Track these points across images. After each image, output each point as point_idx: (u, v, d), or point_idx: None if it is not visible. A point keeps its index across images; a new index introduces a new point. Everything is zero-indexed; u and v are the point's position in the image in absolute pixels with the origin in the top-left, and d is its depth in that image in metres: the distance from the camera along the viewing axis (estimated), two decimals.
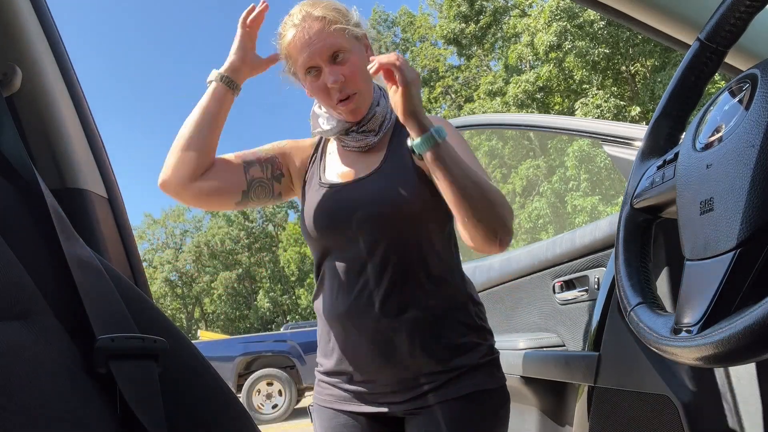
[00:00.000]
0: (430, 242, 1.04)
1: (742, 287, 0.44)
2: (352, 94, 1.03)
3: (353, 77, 1.02)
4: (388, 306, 1.00)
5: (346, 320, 1.03)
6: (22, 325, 0.39)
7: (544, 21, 16.04)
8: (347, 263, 1.04)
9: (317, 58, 1.01)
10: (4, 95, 0.59)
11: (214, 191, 1.08)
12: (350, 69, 1.02)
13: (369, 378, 1.05)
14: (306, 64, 1.02)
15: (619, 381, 1.05)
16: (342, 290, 1.04)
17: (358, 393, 1.06)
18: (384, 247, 1.01)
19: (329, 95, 1.03)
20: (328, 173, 1.12)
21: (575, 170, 13.97)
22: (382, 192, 1.02)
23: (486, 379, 1.03)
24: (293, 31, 1.02)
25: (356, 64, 1.03)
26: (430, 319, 1.02)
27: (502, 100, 17.61)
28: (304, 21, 1.01)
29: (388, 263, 1.01)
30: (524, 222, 14.68)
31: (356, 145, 1.09)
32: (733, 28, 0.58)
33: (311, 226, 1.06)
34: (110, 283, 0.50)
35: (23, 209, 0.49)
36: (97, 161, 0.74)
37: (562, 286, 1.38)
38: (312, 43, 1.00)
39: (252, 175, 1.12)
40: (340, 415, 1.08)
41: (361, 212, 1.01)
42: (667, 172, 0.60)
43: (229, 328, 31.71)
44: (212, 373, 0.53)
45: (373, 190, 1.03)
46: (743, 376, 0.89)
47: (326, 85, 1.02)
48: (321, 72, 1.02)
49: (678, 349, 0.47)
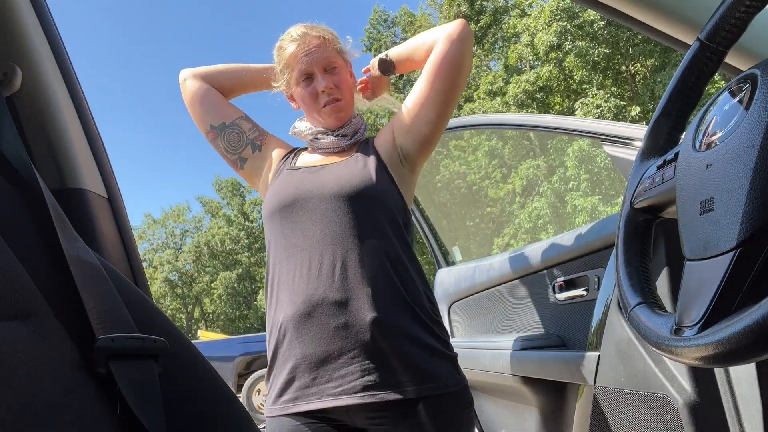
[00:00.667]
0: (392, 225, 1.08)
1: (742, 287, 0.44)
2: (337, 100, 1.16)
3: (341, 86, 1.17)
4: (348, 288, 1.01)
5: (305, 310, 1.01)
6: (22, 325, 0.39)
7: (544, 21, 16.04)
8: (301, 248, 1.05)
9: (314, 66, 1.15)
10: (4, 95, 0.59)
11: (206, 102, 1.24)
12: (339, 79, 1.17)
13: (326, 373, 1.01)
14: (304, 71, 1.15)
15: (619, 381, 1.05)
16: (302, 275, 1.03)
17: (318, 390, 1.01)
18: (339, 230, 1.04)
19: (317, 100, 1.16)
20: (296, 163, 1.20)
21: (575, 170, 13.97)
22: (350, 172, 1.10)
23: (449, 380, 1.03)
24: (294, 44, 1.15)
25: (344, 78, 1.19)
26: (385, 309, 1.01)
27: (502, 100, 17.61)
28: (305, 37, 1.16)
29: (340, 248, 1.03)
30: (524, 222, 14.68)
31: (329, 146, 1.20)
32: (733, 28, 0.58)
33: (272, 204, 1.11)
34: (110, 283, 0.50)
35: (23, 209, 0.49)
36: (97, 161, 0.74)
37: (562, 286, 1.38)
38: (311, 53, 1.15)
39: (239, 123, 1.24)
40: (297, 419, 1.03)
41: (329, 186, 1.08)
42: (667, 172, 0.60)
43: (229, 328, 31.70)
44: (212, 373, 0.53)
45: (342, 170, 1.12)
46: (743, 376, 0.89)
47: (317, 90, 1.15)
48: (314, 79, 1.16)
49: (678, 349, 0.47)
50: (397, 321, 1.01)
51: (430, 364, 1.01)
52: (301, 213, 1.07)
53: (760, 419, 0.85)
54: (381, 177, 1.10)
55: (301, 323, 1.02)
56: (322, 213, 1.06)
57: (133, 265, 0.72)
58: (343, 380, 0.99)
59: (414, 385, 0.99)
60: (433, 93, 1.10)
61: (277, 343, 1.06)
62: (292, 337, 1.03)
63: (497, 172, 16.92)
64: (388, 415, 0.99)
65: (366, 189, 1.07)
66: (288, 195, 1.09)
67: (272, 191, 1.13)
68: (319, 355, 1.00)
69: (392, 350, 0.99)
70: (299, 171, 1.15)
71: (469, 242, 16.52)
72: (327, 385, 1.00)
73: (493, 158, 17.03)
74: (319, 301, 1.01)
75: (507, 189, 16.44)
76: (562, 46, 15.89)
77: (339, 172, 1.10)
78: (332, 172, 1.11)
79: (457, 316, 1.90)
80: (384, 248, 1.04)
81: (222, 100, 1.25)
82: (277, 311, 1.07)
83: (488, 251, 15.96)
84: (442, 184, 17.28)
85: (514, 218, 15.93)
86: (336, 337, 0.99)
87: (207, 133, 1.24)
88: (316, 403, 1.00)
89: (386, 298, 1.01)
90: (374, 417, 1.00)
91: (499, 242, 15.75)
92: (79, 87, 0.74)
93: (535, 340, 1.41)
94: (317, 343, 1.00)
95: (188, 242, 34.59)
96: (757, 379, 0.86)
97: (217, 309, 32.19)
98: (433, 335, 1.05)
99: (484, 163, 17.26)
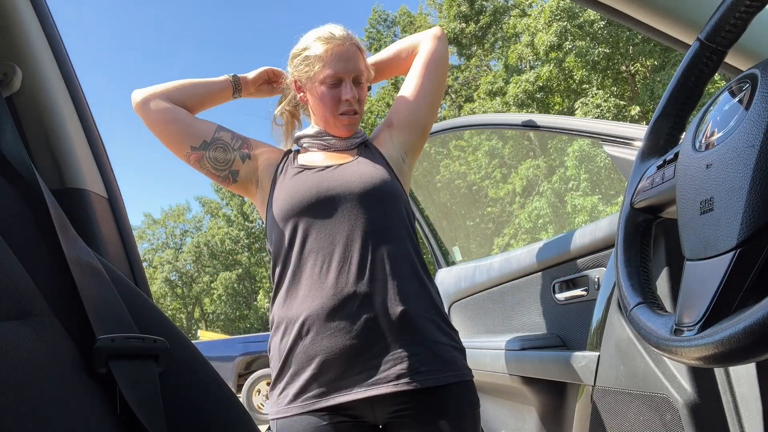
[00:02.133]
0: (406, 222, 1.14)
1: (742, 287, 0.44)
2: (355, 113, 1.18)
3: (361, 101, 1.19)
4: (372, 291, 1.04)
5: (334, 304, 1.03)
6: (22, 325, 0.39)
7: (544, 21, 16.04)
8: (326, 244, 1.07)
9: (346, 73, 1.15)
10: (4, 95, 0.59)
11: (179, 121, 1.16)
12: (362, 94, 1.19)
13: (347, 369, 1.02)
14: (337, 73, 1.14)
15: (619, 381, 1.05)
16: (329, 270, 1.05)
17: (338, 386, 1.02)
18: (365, 226, 1.07)
19: (336, 106, 1.16)
20: (302, 163, 1.19)
21: (575, 170, 13.97)
22: (369, 171, 1.13)
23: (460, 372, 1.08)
24: (332, 43, 1.14)
25: (365, 94, 1.21)
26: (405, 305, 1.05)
27: (502, 100, 17.60)
28: (346, 40, 1.15)
29: (368, 243, 1.06)
30: (524, 222, 14.68)
31: (335, 144, 1.21)
32: (733, 28, 0.58)
33: (293, 202, 1.10)
34: (110, 283, 0.50)
35: (23, 209, 0.49)
36: (97, 161, 0.74)
37: (562, 286, 1.38)
38: (350, 59, 1.15)
39: (219, 136, 1.19)
40: (321, 416, 1.02)
41: (355, 184, 1.10)
42: (667, 172, 0.60)
43: (229, 328, 31.68)
44: (212, 373, 0.53)
45: (362, 169, 1.13)
46: (743, 376, 0.89)
47: (340, 97, 1.15)
48: (341, 85, 1.15)
49: (678, 349, 0.47)
50: (423, 313, 1.06)
51: (451, 353, 1.07)
52: (326, 211, 1.08)
53: (760, 419, 0.85)
54: (392, 176, 1.16)
55: (330, 317, 1.02)
56: (348, 210, 1.08)
57: (133, 265, 0.72)
58: (377, 371, 1.01)
59: (440, 373, 1.03)
60: (427, 85, 1.22)
61: (296, 338, 1.05)
62: (318, 331, 1.03)
63: (497, 172, 16.92)
64: (414, 405, 1.02)
65: (387, 187, 1.12)
66: (310, 194, 1.09)
67: (287, 192, 1.12)
68: (350, 347, 1.01)
69: (420, 341, 1.04)
70: (313, 171, 1.14)
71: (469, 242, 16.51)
72: (359, 376, 1.01)
73: (493, 158, 17.03)
74: (350, 294, 1.03)
75: (507, 189, 16.44)
76: (562, 46, 15.88)
77: (360, 171, 1.13)
78: (353, 171, 1.13)
79: (457, 316, 1.90)
80: (405, 244, 1.10)
81: (192, 117, 1.19)
82: (295, 307, 1.06)
83: (488, 251, 15.96)
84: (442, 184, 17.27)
85: (514, 218, 15.93)
86: (366, 329, 1.02)
87: (188, 155, 1.17)
88: (346, 396, 1.01)
89: (411, 292, 1.07)
90: (400, 408, 1.03)
91: (499, 242, 15.75)
92: (79, 87, 0.74)
93: (535, 340, 1.41)
94: (348, 336, 1.02)
95: (188, 242, 34.58)
96: (757, 379, 0.86)
97: (217, 309, 32.17)
98: (450, 327, 1.12)
99: (484, 163, 17.26)
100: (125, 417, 0.43)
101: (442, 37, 1.26)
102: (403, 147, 1.22)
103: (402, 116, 1.23)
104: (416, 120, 1.22)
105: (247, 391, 7.16)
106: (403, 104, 1.23)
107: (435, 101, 1.24)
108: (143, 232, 34.77)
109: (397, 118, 1.24)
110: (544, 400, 1.42)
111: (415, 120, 1.22)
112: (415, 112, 1.22)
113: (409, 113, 1.22)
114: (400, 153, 1.22)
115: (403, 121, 1.23)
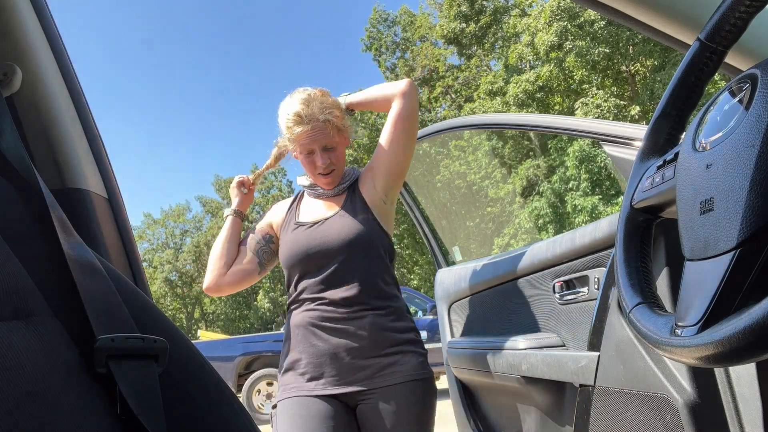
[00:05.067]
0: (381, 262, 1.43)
1: (742, 287, 0.44)
2: (331, 171, 1.45)
3: (336, 161, 1.45)
4: (353, 309, 1.37)
5: (320, 322, 1.38)
6: (22, 325, 0.39)
7: (545, 21, 16.04)
8: (321, 281, 1.39)
9: (315, 146, 1.41)
10: (4, 95, 0.59)
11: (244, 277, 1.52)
12: (335, 156, 1.45)
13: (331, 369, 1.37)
14: (306, 150, 1.42)
15: (619, 381, 1.05)
16: (316, 301, 1.39)
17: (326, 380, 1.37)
18: (348, 267, 1.38)
19: (314, 170, 1.45)
20: (300, 217, 1.51)
21: (575, 170, 13.98)
22: (348, 225, 1.41)
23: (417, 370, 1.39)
24: (301, 128, 1.39)
25: (340, 152, 1.47)
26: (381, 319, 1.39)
27: (502, 100, 17.61)
28: (311, 120, 1.38)
29: (353, 278, 1.38)
30: (524, 222, 14.70)
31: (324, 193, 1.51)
32: (733, 28, 0.58)
33: (290, 256, 1.43)
34: (110, 283, 0.50)
35: (23, 209, 0.49)
36: (97, 161, 0.74)
37: (562, 286, 1.38)
38: (315, 137, 1.40)
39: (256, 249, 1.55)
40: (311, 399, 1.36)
41: (334, 242, 1.40)
42: (667, 172, 0.60)
43: (229, 328, 31.69)
44: (212, 373, 0.53)
45: (337, 226, 1.42)
46: (743, 376, 0.89)
47: (315, 164, 1.43)
48: (315, 154, 1.42)
49: (678, 349, 0.47)
50: (388, 325, 1.39)
51: (410, 357, 1.40)
52: (314, 261, 1.41)
53: (760, 419, 0.85)
54: (371, 222, 1.43)
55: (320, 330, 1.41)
56: (331, 259, 1.39)
57: (133, 265, 0.72)
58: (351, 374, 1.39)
59: (401, 374, 1.36)
60: (400, 138, 1.45)
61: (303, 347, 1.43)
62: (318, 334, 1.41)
63: (497, 172, 16.93)
64: (377, 396, 1.36)
65: (364, 237, 1.40)
66: (300, 251, 1.41)
67: (286, 246, 1.45)
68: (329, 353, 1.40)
69: (388, 349, 1.38)
70: (305, 227, 1.45)
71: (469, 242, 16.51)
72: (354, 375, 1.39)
73: (493, 158, 17.04)
74: (332, 319, 1.38)
75: (507, 189, 16.45)
76: (563, 45, 15.89)
77: (340, 226, 1.41)
78: (333, 227, 1.42)
79: (457, 316, 1.90)
80: (374, 278, 1.41)
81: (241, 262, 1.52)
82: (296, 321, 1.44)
83: (488, 251, 15.95)
84: (442, 184, 17.28)
85: (514, 218, 15.94)
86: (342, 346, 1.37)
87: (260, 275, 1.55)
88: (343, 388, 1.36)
89: (381, 312, 1.39)
90: (367, 397, 1.36)
91: (499, 242, 15.75)
92: (79, 87, 0.74)
93: (535, 340, 1.41)
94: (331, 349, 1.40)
95: (188, 242, 34.59)
96: (757, 379, 0.86)
97: (217, 309, 32.18)
98: (415, 335, 1.45)
99: (484, 163, 17.27)
100: (125, 417, 0.43)
101: (410, 93, 1.45)
102: (384, 191, 1.48)
103: (380, 164, 1.48)
104: (393, 167, 1.47)
105: (247, 391, 7.16)
106: (381, 154, 1.48)
107: (408, 148, 1.48)
108: (143, 232, 34.79)
109: (377, 165, 1.49)
110: (544, 400, 1.42)
111: (392, 167, 1.47)
112: (391, 162, 1.47)
113: (385, 162, 1.47)
114: (381, 197, 1.48)
115: (382, 169, 1.48)
